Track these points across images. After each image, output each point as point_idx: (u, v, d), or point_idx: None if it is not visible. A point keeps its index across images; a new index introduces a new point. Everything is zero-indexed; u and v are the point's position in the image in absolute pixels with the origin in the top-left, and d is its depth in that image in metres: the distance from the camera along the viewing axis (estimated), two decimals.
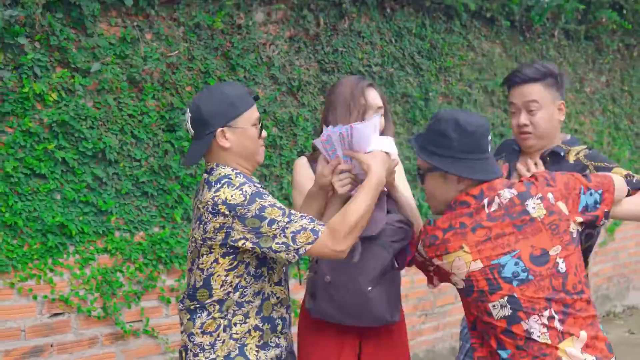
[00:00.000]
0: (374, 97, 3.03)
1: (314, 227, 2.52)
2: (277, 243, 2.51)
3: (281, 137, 4.69)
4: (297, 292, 4.42)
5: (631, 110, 7.46)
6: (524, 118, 3.13)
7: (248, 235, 2.53)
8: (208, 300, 2.64)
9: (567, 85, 3.34)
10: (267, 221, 2.50)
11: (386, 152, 2.72)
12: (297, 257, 2.52)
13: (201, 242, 2.62)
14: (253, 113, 2.70)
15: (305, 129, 4.78)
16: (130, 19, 4.04)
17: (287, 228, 2.51)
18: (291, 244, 2.50)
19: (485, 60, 5.91)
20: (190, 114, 2.67)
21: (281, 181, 4.68)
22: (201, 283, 2.65)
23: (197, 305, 2.66)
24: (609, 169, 3.01)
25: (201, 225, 2.60)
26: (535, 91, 3.11)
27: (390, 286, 2.98)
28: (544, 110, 3.11)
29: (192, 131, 2.67)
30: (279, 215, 2.51)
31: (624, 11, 6.87)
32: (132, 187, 4.09)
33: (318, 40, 4.85)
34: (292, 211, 2.55)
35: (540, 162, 3.16)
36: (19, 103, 3.70)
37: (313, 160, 3.07)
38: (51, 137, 3.81)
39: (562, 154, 3.14)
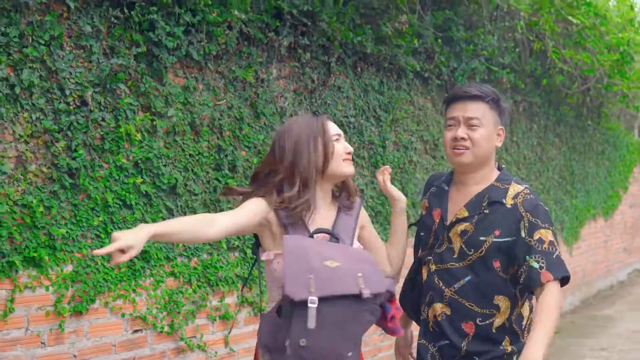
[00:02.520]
0: (332, 127, 3.04)
1: None
2: None
3: None
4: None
5: (518, 158, 8.73)
6: (462, 131, 3.01)
7: None
8: None
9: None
10: None
11: None
12: None
13: None
14: None
15: None
16: (189, 71, 4.65)
17: None
18: None
19: (422, 114, 6.89)
20: None
21: None
22: None
23: None
24: (537, 229, 2.95)
25: None
26: (478, 108, 3.02)
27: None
28: (484, 129, 3.02)
29: None
30: None
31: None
32: None
33: (313, 94, 5.62)
34: None
35: None
36: (114, 142, 4.21)
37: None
38: (136, 172, 4.33)
39: (503, 201, 3.03)
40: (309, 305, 2.68)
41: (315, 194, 2.99)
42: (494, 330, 3.04)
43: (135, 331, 4.39)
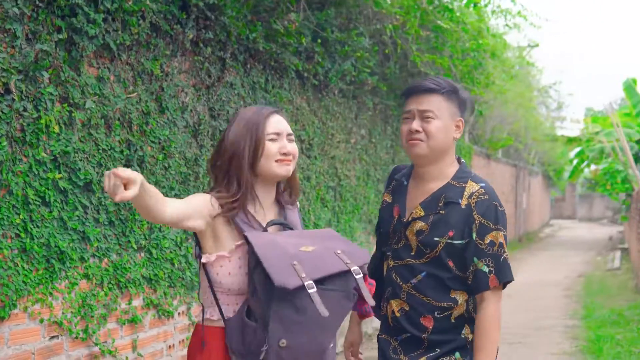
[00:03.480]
0: (274, 123, 2.83)
1: None
2: None
3: (189, 174, 5.22)
4: None
5: (375, 159, 8.89)
6: (416, 124, 3.00)
7: None
8: None
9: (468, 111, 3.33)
10: None
11: None
12: None
13: None
14: None
15: (202, 167, 5.35)
16: (101, 61, 4.40)
17: None
18: None
19: (299, 113, 6.89)
20: None
21: None
22: None
23: None
24: (488, 232, 2.98)
25: None
26: (433, 101, 3.00)
27: None
28: (440, 121, 2.99)
29: None
30: None
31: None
32: (105, 216, 4.41)
33: (210, 90, 5.47)
34: None
35: None
36: (34, 134, 3.91)
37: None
38: (53, 167, 4.05)
39: (459, 201, 3.01)
40: (309, 291, 2.48)
41: (255, 192, 2.80)
42: (453, 320, 3.05)
43: (52, 337, 4.10)
